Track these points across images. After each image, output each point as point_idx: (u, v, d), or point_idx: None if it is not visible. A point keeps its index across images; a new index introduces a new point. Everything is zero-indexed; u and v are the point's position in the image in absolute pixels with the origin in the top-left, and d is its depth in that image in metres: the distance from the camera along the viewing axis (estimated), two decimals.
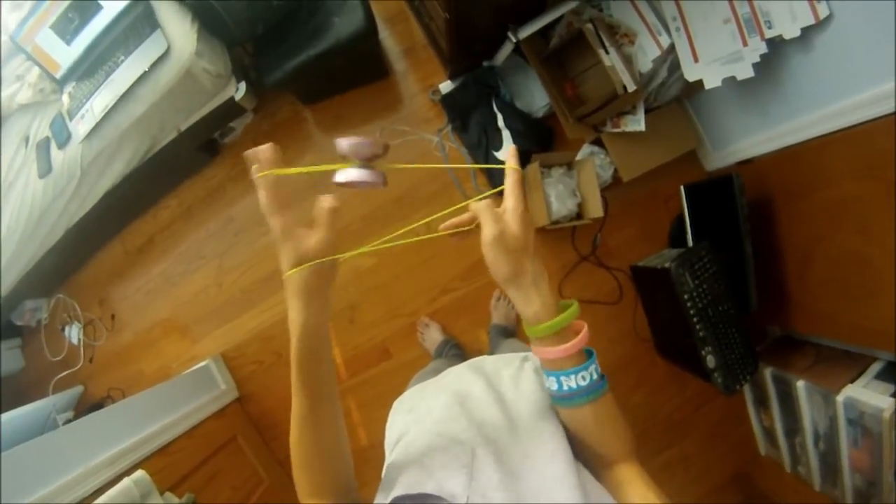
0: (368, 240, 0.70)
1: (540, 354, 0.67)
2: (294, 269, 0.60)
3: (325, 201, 0.62)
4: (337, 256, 0.62)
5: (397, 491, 0.63)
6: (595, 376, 0.66)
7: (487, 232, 0.63)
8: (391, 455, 0.87)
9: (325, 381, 0.67)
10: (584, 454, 0.70)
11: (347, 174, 0.61)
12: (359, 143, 0.59)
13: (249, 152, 0.59)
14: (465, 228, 0.72)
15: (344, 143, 0.59)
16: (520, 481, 0.62)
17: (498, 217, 0.64)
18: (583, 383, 0.65)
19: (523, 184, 0.67)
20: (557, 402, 0.70)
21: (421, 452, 0.73)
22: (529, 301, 0.65)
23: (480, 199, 0.68)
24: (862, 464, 1.75)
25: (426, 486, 0.62)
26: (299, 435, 0.68)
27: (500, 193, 0.67)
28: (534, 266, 0.65)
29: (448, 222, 0.73)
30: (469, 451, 0.68)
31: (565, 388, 0.66)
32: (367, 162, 0.61)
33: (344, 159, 0.61)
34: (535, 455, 0.66)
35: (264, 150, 0.59)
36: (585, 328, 0.66)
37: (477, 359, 1.13)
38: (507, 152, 0.70)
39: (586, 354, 0.67)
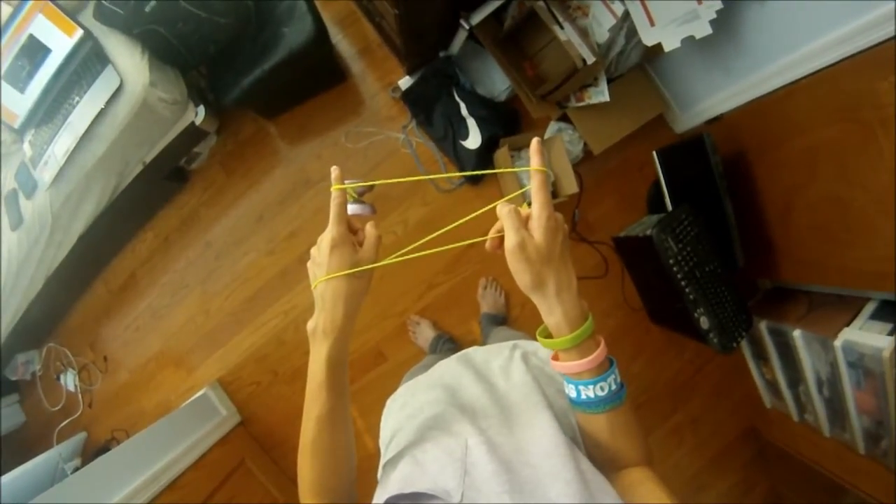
0: None
1: (560, 369, 0.68)
2: (337, 274, 0.69)
3: (374, 229, 0.74)
4: (379, 264, 0.72)
5: (391, 490, 0.63)
6: (614, 387, 0.66)
7: (509, 241, 0.64)
8: (386, 454, 0.87)
9: (346, 383, 0.71)
10: (597, 455, 0.71)
11: (350, 208, 0.75)
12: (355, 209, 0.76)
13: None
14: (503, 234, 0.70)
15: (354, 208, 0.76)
16: (514, 472, 0.61)
17: (520, 225, 0.65)
18: (601, 394, 0.66)
19: (549, 185, 0.66)
20: (574, 407, 0.70)
21: (414, 448, 0.73)
22: (551, 311, 0.65)
23: (505, 201, 0.68)
24: (868, 405, 1.76)
25: (420, 484, 0.62)
26: (317, 435, 0.69)
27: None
28: (558, 276, 0.65)
29: (492, 230, 0.71)
30: (462, 444, 0.68)
31: (583, 396, 0.67)
32: (359, 197, 0.77)
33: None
34: (530, 449, 0.66)
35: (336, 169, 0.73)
36: (602, 343, 0.67)
37: (466, 350, 1.13)
38: (532, 148, 0.69)
39: (608, 362, 0.67)
